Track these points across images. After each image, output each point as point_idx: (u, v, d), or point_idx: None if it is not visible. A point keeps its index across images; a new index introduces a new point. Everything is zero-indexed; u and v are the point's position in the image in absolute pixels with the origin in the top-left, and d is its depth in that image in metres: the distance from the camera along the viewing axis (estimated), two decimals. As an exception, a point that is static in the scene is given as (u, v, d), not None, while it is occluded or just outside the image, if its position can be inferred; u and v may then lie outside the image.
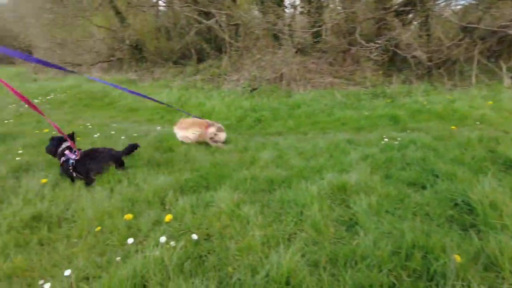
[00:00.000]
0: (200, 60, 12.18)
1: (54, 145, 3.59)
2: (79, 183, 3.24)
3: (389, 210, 2.51)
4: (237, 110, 6.99)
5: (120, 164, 3.51)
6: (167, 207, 2.77)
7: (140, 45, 12.39)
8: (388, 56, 8.18)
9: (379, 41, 7.66)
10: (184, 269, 1.91)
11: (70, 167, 3.34)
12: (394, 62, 8.66)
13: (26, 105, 8.09)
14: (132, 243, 2.19)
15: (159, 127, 5.75)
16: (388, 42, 7.79)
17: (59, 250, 2.25)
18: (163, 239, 2.15)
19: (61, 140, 3.59)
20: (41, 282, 1.88)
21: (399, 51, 7.85)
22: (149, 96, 4.52)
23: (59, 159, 3.49)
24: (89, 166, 3.30)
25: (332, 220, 2.41)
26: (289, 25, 9.93)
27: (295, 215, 2.45)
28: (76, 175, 3.36)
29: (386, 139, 4.29)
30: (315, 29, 8.92)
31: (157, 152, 4.35)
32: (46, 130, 5.49)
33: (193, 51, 12.14)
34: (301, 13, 10.47)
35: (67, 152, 3.46)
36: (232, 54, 10.67)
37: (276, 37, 10.01)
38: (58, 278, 1.91)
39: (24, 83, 13.05)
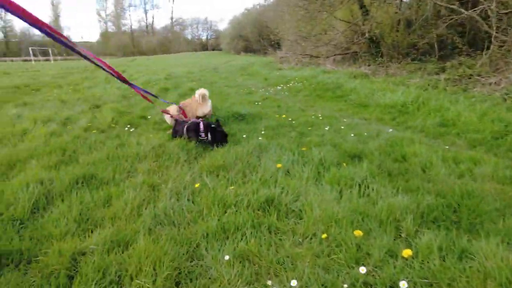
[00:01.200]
0: (442, 56, 10.42)
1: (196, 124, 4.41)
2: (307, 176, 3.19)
3: None
4: (494, 123, 5.36)
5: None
6: (403, 235, 2.24)
7: (378, 38, 11.88)
8: None
9: None
10: None
11: (202, 132, 4.26)
12: None
13: (271, 90, 9.24)
14: (364, 273, 1.82)
15: (390, 129, 5.15)
16: None
17: (285, 245, 2.18)
18: (404, 284, 1.66)
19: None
20: (269, 282, 1.81)
21: None
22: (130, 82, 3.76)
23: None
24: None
25: None
26: None
27: None
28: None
29: None
30: None
31: (389, 158, 3.82)
32: (284, 116, 6.00)
33: (435, 46, 10.50)
34: None
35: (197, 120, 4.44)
36: (494, 50, 8.41)
37: None
38: (283, 283, 1.79)
39: (270, 71, 15.32)
